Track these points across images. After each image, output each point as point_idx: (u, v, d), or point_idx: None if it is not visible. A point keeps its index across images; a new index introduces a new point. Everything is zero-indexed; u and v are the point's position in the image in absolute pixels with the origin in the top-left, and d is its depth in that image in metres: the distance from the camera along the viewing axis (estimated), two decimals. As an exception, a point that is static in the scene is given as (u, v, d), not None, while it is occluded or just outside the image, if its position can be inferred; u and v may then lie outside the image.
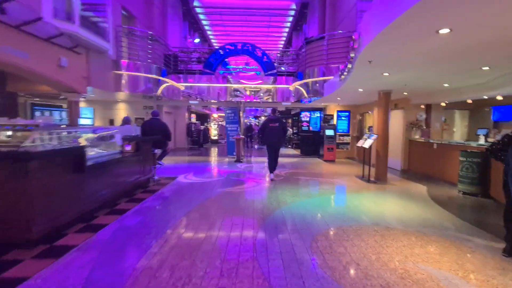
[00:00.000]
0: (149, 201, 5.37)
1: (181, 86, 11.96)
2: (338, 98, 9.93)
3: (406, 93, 8.11)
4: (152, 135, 7.08)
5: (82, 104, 12.83)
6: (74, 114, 7.67)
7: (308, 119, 14.77)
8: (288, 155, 13.80)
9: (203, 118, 22.11)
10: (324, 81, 9.85)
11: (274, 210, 4.88)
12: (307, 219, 4.44)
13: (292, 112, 19.10)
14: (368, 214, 4.75)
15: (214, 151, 16.19)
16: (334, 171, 9.07)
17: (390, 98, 7.54)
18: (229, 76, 13.17)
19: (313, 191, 6.52)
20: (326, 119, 12.24)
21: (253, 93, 15.19)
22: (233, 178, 7.64)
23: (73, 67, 7.05)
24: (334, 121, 12.58)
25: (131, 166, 5.77)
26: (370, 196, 5.95)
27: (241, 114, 12.37)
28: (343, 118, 12.78)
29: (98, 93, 10.30)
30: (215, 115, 23.54)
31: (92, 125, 7.28)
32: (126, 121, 7.48)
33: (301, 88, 11.14)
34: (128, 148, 5.72)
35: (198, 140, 16.76)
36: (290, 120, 24.62)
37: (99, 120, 12.56)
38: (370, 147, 7.34)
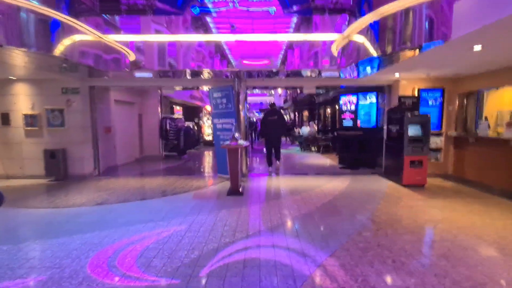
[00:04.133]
0: None
1: (112, 41, 6.06)
2: (477, 49, 3.96)
3: None
4: None
5: None
6: None
7: (353, 107, 8.90)
8: (318, 170, 7.93)
9: (193, 112, 16.41)
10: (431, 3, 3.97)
11: None
12: None
13: (319, 100, 13.09)
14: None
15: (202, 161, 10.51)
16: (491, 244, 3.24)
17: None
18: (209, 19, 7.11)
19: None
20: (404, 104, 6.37)
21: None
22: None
23: None
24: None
25: None
26: None
27: (240, 103, 6.62)
28: (429, 102, 6.89)
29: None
30: (208, 108, 17.75)
31: None
32: None
33: (364, 40, 5.28)
34: None
35: (178, 145, 10.98)
36: (306, 113, 18.73)
37: (-16, 115, 6.92)
38: None
